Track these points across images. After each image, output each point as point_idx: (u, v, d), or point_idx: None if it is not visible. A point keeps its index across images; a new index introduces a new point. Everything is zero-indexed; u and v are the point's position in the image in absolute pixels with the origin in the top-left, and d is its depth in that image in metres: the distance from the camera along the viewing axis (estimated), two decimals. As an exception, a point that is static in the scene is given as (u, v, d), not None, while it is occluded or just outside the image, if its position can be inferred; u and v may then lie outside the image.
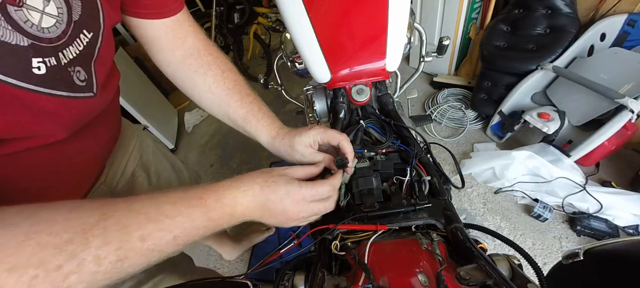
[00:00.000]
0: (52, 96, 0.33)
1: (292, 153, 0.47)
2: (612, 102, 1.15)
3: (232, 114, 0.50)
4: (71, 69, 0.34)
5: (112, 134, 0.55)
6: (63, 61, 0.33)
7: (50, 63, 0.31)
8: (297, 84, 2.18)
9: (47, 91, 0.32)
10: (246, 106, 0.50)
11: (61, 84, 0.33)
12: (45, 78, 0.31)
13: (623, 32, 1.32)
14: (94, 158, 0.50)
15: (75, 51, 0.35)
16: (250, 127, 0.50)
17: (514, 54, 1.53)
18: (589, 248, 0.31)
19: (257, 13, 2.52)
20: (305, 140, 0.46)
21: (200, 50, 0.51)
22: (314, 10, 0.63)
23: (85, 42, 0.36)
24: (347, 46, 0.67)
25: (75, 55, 0.35)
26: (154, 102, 2.28)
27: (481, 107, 1.70)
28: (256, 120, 0.50)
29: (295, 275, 0.38)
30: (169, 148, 2.17)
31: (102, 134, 0.50)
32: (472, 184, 1.44)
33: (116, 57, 0.53)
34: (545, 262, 1.14)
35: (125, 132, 0.62)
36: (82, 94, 0.37)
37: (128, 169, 0.62)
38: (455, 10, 1.77)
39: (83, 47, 0.36)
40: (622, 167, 1.34)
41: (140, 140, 0.67)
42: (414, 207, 0.43)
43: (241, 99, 0.50)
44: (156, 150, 0.72)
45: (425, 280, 0.32)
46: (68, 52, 0.33)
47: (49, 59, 0.31)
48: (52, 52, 0.31)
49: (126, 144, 0.62)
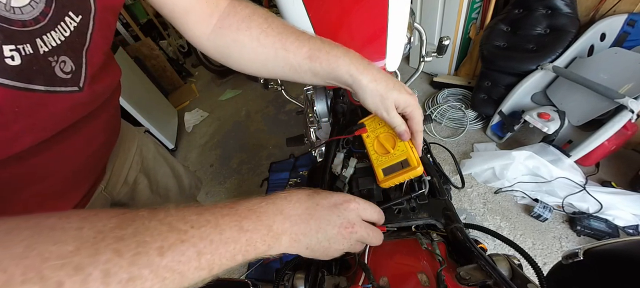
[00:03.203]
0: (28, 91, 0.27)
1: (375, 102, 0.41)
2: (612, 102, 1.15)
3: (293, 58, 0.41)
4: (53, 58, 0.29)
5: (108, 136, 0.49)
6: (42, 49, 0.28)
7: (25, 51, 0.26)
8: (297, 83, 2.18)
9: (22, 85, 0.27)
10: (307, 43, 0.41)
11: (39, 76, 0.28)
12: (20, 70, 0.26)
13: (623, 32, 1.32)
14: (88, 162, 0.45)
15: (60, 38, 0.29)
16: (320, 64, 0.41)
17: (514, 54, 1.53)
18: (588, 248, 0.31)
19: (257, 13, 2.52)
20: (401, 101, 0.40)
21: (235, 7, 0.44)
22: (314, 10, 0.63)
23: (72, 26, 0.31)
24: (347, 46, 0.67)
25: (60, 43, 0.30)
26: (154, 102, 2.28)
27: (481, 107, 1.70)
28: (325, 53, 0.40)
29: (295, 275, 0.38)
30: (169, 148, 2.17)
31: (96, 135, 0.44)
32: (472, 184, 1.44)
33: (116, 57, 0.51)
34: (545, 262, 1.14)
35: (126, 136, 0.59)
36: (63, 88, 0.31)
37: (130, 176, 0.59)
38: (455, 10, 1.77)
39: (70, 33, 0.30)
40: (622, 167, 1.34)
41: (141, 144, 0.64)
42: (414, 207, 0.43)
43: (297, 38, 0.42)
44: (157, 154, 0.70)
45: (425, 280, 0.32)
46: (49, 38, 0.28)
47: (23, 46, 0.26)
48: (27, 38, 0.27)
49: (127, 148, 0.59)
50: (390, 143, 0.48)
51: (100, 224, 0.21)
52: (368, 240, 0.35)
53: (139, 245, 0.21)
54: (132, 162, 0.60)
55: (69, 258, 0.19)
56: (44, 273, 0.18)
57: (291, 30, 0.43)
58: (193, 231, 0.24)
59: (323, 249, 0.32)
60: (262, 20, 0.43)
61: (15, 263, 0.18)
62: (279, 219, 0.29)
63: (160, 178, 0.69)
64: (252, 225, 0.27)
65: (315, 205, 0.32)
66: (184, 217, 0.25)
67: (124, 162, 0.58)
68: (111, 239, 0.21)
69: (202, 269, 0.24)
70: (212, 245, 0.24)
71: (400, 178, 0.44)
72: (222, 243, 0.25)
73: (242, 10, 0.44)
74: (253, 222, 0.27)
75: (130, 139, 0.61)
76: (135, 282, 0.20)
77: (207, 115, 2.55)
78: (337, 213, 0.32)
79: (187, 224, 0.24)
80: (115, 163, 0.56)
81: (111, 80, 0.43)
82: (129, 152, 0.60)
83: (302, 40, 0.42)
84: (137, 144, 0.63)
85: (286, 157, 1.83)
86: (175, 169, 0.75)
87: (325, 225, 0.31)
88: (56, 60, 0.30)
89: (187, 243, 0.23)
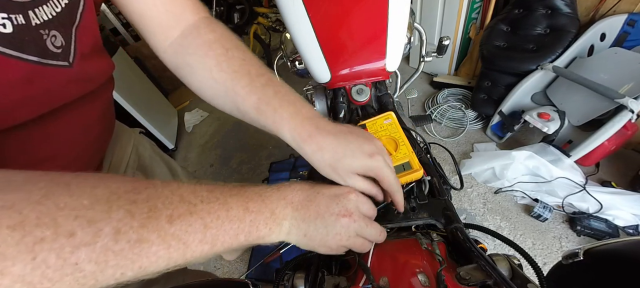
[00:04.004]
0: (21, 60, 0.28)
1: (327, 173, 0.35)
2: (612, 102, 1.15)
3: (241, 104, 0.37)
4: (44, 31, 0.30)
5: (103, 127, 0.49)
6: (34, 21, 0.29)
7: (17, 21, 0.27)
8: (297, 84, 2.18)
9: (14, 54, 0.27)
10: (257, 92, 0.36)
11: (31, 47, 0.29)
12: (12, 38, 0.27)
13: (623, 32, 1.32)
14: (85, 151, 0.45)
15: (51, 12, 0.30)
16: (266, 119, 0.36)
17: (514, 54, 1.53)
18: (588, 248, 0.31)
19: (257, 13, 2.52)
20: (357, 166, 0.34)
21: (200, 28, 0.41)
22: (314, 10, 0.63)
23: (63, 3, 0.32)
24: (347, 46, 0.67)
25: (51, 17, 0.30)
26: (154, 102, 2.28)
27: (481, 107, 1.70)
28: (272, 110, 0.35)
29: (295, 275, 0.38)
30: (169, 148, 2.17)
31: (92, 124, 0.44)
32: (472, 184, 1.44)
33: (116, 57, 0.52)
34: (545, 262, 1.14)
35: (121, 135, 0.60)
36: (54, 61, 0.32)
37: (127, 173, 0.59)
38: (455, 10, 1.77)
39: (61, 9, 0.31)
40: (622, 167, 1.34)
41: (137, 144, 0.64)
42: (414, 207, 0.43)
43: (250, 82, 0.37)
44: (153, 154, 0.70)
45: (425, 280, 0.32)
46: (41, 11, 0.29)
47: (15, 16, 0.27)
48: (19, 9, 0.27)
49: (124, 145, 0.60)
50: (392, 146, 0.48)
51: (115, 186, 0.22)
52: (366, 233, 0.34)
53: (150, 210, 0.22)
54: (129, 160, 0.61)
55: (83, 211, 0.19)
56: (58, 220, 0.18)
57: (246, 71, 0.38)
58: (202, 205, 0.25)
59: (321, 237, 0.32)
60: (222, 51, 0.40)
61: (31, 208, 0.18)
62: (282, 204, 0.31)
63: (157, 176, 0.69)
64: (256, 207, 0.28)
65: (317, 194, 0.32)
66: (195, 191, 0.26)
67: (121, 159, 0.59)
68: (124, 200, 0.21)
69: (206, 243, 0.25)
70: (219, 220, 0.25)
71: (402, 180, 0.44)
72: (227, 220, 0.26)
73: (206, 35, 0.41)
74: (258, 204, 0.29)
75: (126, 138, 0.62)
76: (142, 244, 0.21)
77: (207, 115, 2.55)
78: (337, 201, 0.33)
79: (197, 198, 0.25)
80: (112, 160, 0.56)
81: (103, 67, 0.43)
82: (126, 150, 0.60)
83: (254, 86, 0.37)
84: (133, 143, 0.63)
85: (286, 157, 1.83)
86: (172, 168, 0.76)
87: (324, 211, 0.32)
88: (47, 34, 0.30)
89: (195, 215, 0.24)
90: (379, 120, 0.54)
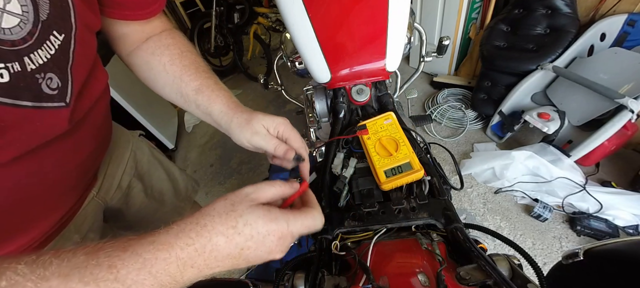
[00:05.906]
0: (15, 107, 0.29)
1: (243, 131, 0.43)
2: (612, 102, 1.16)
3: (184, 88, 0.46)
4: (40, 75, 0.31)
5: (98, 143, 0.49)
6: (29, 67, 0.29)
7: (13, 69, 0.28)
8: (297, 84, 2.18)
9: (9, 102, 0.28)
10: (201, 79, 0.46)
11: (25, 92, 0.29)
12: (9, 87, 0.27)
13: (623, 32, 1.32)
14: (76, 172, 0.45)
15: (46, 55, 0.31)
16: (203, 97, 0.45)
17: (514, 54, 1.53)
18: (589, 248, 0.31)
19: (257, 13, 2.52)
20: (268, 122, 0.43)
21: (161, 35, 0.48)
22: (314, 10, 0.63)
23: (56, 45, 0.32)
24: (347, 46, 0.67)
25: (46, 60, 0.31)
26: (153, 102, 2.28)
27: (481, 107, 1.70)
28: (210, 90, 0.45)
29: (295, 275, 0.38)
30: (169, 148, 2.17)
31: (84, 143, 0.44)
32: (472, 184, 1.45)
33: (115, 57, 0.52)
34: (545, 262, 1.14)
35: (119, 141, 0.59)
36: (50, 103, 0.32)
37: (124, 181, 0.59)
38: (455, 10, 1.77)
39: (55, 51, 0.32)
40: (622, 167, 1.34)
41: (135, 149, 0.64)
42: (414, 207, 0.43)
43: (196, 72, 0.46)
44: (152, 158, 0.70)
45: (425, 280, 0.32)
46: (36, 56, 0.30)
47: (12, 64, 0.27)
48: (15, 57, 0.28)
49: (121, 153, 0.59)
50: (393, 146, 0.48)
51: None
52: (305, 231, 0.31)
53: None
54: (126, 167, 0.60)
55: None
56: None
57: (195, 68, 0.47)
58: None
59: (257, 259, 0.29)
60: (177, 52, 0.47)
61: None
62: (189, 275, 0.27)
63: (155, 182, 0.69)
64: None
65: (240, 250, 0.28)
66: None
67: (118, 167, 0.58)
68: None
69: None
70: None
71: (402, 180, 0.44)
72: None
73: (165, 39, 0.48)
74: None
75: (124, 144, 0.61)
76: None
77: (207, 115, 2.55)
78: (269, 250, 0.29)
79: None
80: (108, 168, 0.56)
81: (97, 89, 0.44)
82: (123, 157, 0.60)
83: (199, 76, 0.46)
84: (131, 149, 0.62)
85: (286, 157, 1.83)
86: (170, 172, 0.75)
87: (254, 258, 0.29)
88: (43, 77, 0.31)
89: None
90: (379, 120, 0.54)
